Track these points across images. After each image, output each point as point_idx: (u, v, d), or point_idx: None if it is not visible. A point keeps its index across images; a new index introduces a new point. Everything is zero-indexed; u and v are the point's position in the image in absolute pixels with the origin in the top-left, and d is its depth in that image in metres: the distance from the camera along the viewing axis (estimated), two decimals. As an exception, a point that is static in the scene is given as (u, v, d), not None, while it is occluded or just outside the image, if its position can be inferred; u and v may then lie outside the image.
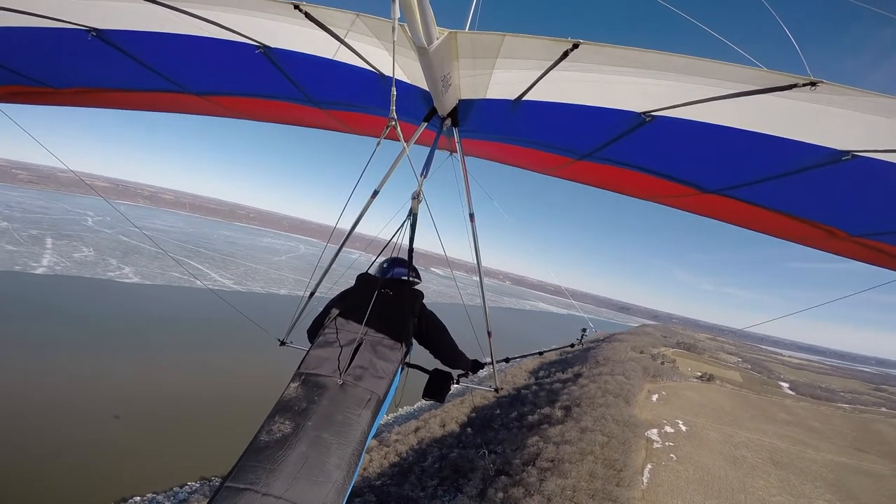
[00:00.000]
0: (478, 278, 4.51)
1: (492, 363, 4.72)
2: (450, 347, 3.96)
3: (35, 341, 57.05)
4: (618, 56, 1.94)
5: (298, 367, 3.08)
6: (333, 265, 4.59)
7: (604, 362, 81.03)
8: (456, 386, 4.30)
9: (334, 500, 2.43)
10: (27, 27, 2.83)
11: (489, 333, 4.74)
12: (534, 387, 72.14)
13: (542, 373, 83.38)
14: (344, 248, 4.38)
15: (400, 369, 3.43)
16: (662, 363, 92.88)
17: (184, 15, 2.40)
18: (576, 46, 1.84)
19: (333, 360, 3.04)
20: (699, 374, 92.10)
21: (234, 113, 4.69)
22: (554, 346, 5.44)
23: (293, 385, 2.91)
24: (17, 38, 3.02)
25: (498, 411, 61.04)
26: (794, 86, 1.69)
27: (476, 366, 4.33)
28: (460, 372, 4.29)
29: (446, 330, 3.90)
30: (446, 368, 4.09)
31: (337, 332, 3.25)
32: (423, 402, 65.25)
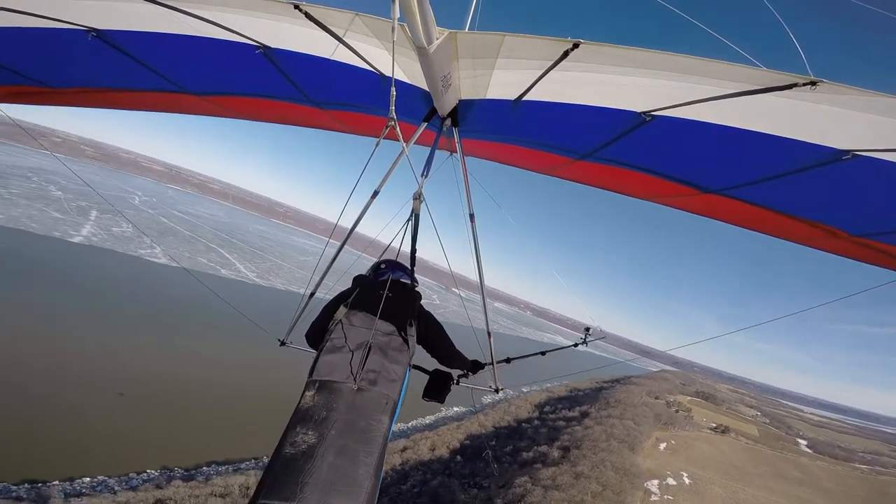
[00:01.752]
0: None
1: (492, 363, 4.68)
2: (448, 347, 3.94)
3: (56, 309, 56.33)
4: (618, 56, 1.94)
5: (310, 375, 3.02)
6: (333, 266, 4.57)
7: (614, 404, 78.50)
8: (456, 386, 4.27)
9: None
10: (27, 27, 2.83)
11: (489, 334, 4.74)
12: (536, 421, 70.02)
13: (547, 407, 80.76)
14: (346, 249, 4.39)
15: (408, 371, 3.41)
16: (677, 411, 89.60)
17: (183, 15, 2.40)
18: (576, 46, 1.84)
19: (346, 366, 3.00)
20: (714, 424, 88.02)
21: (233, 113, 4.70)
22: (556, 347, 5.40)
23: (308, 393, 2.86)
24: (17, 38, 3.02)
25: (493, 442, 59.01)
26: (795, 85, 1.68)
27: (476, 366, 4.30)
28: (460, 372, 4.27)
29: (444, 330, 3.88)
30: (446, 369, 4.06)
31: (348, 337, 3.21)
32: (418, 421, 63.25)
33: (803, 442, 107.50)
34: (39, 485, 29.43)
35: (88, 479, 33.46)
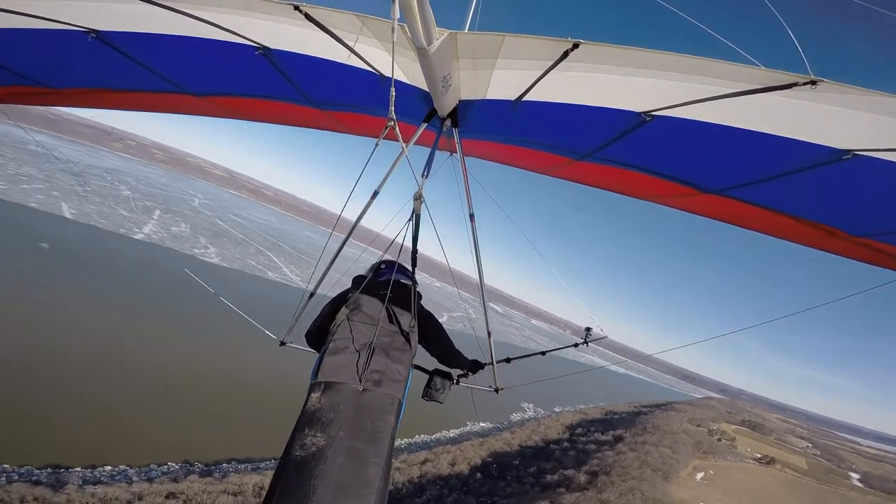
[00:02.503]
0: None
1: (492, 363, 4.65)
2: (448, 347, 3.95)
3: (109, 301, 56.73)
4: (618, 56, 1.94)
5: (315, 376, 3.05)
6: (333, 265, 4.54)
7: (652, 430, 74.04)
8: (456, 386, 4.25)
9: None
10: (27, 29, 2.84)
11: (489, 334, 4.73)
12: (565, 443, 66.50)
13: (579, 430, 76.40)
14: (352, 243, 4.44)
15: (411, 371, 3.44)
16: (719, 439, 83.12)
17: (183, 16, 2.41)
18: (576, 46, 1.84)
19: (351, 367, 3.03)
20: (759, 455, 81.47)
21: (233, 113, 4.73)
22: (557, 346, 5.34)
23: (314, 395, 2.88)
24: (17, 39, 3.04)
25: (517, 461, 55.87)
26: (795, 84, 1.67)
27: (476, 366, 4.29)
28: (460, 372, 4.26)
29: (444, 329, 3.90)
30: (446, 369, 4.06)
31: (351, 339, 3.24)
32: (441, 434, 60.46)
33: (856, 475, 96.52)
34: (61, 470, 29.88)
35: (109, 467, 33.81)
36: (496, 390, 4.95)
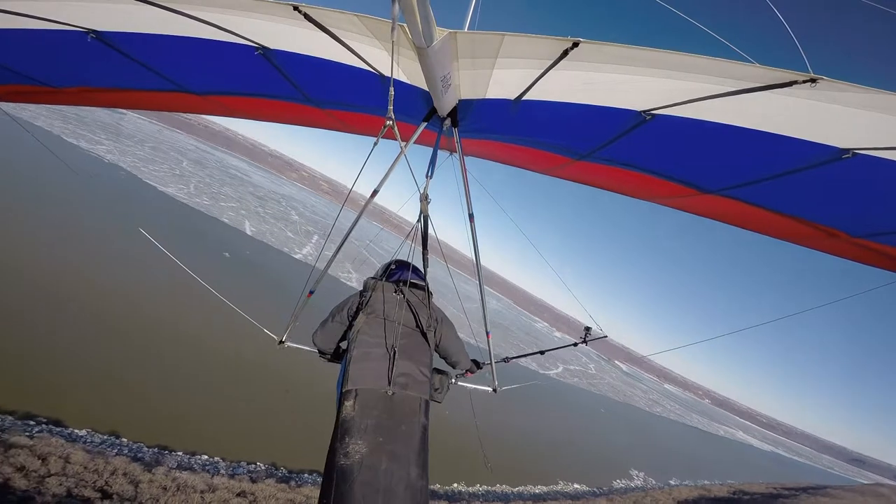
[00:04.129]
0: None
1: (490, 363, 4.72)
2: (456, 345, 4.00)
3: (266, 310, 58.71)
4: (618, 54, 1.93)
5: (344, 384, 3.14)
6: (333, 266, 4.59)
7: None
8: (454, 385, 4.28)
9: None
10: (27, 29, 2.84)
11: (488, 334, 4.77)
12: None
13: None
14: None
15: (432, 370, 3.52)
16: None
17: (182, 17, 2.40)
18: (576, 45, 1.83)
19: (377, 372, 3.14)
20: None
21: (234, 112, 4.73)
22: (556, 346, 5.42)
23: (348, 404, 3.00)
24: (17, 39, 3.04)
25: None
26: (794, 82, 1.66)
27: (475, 365, 4.42)
28: (459, 372, 4.33)
29: (454, 328, 3.96)
30: (445, 368, 4.08)
31: (372, 344, 3.32)
32: (525, 488, 49.43)
33: None
34: (166, 452, 29.90)
35: (206, 457, 33.30)
36: (494, 390, 5.00)
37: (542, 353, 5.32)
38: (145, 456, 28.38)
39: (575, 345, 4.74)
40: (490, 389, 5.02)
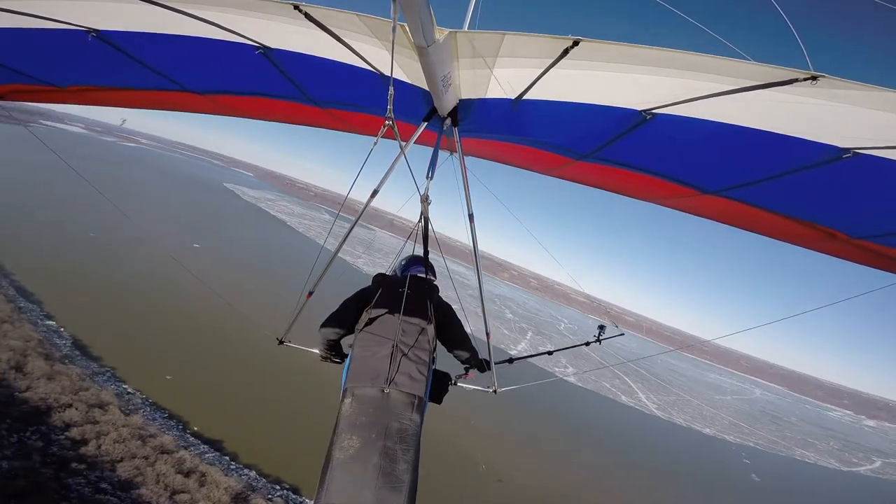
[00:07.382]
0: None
1: (490, 364, 4.70)
2: (462, 339, 4.03)
3: None
4: (618, 53, 1.93)
5: (346, 381, 3.29)
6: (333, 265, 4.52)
7: None
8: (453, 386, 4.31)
9: (410, 501, 2.82)
10: (27, 28, 2.84)
11: (487, 334, 4.80)
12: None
13: None
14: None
15: (431, 368, 3.57)
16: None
17: (183, 16, 2.40)
18: (576, 44, 1.83)
19: (375, 370, 3.25)
20: None
21: (235, 112, 4.74)
22: (566, 346, 5.47)
23: (347, 401, 3.17)
24: (17, 38, 3.04)
25: None
26: (795, 80, 1.65)
27: (485, 365, 4.46)
28: (459, 373, 4.36)
29: (461, 323, 4.02)
30: (445, 368, 4.08)
31: (373, 341, 3.43)
32: None
33: None
34: (295, 496, 29.81)
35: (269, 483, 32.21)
36: (494, 391, 5.02)
37: (550, 353, 5.32)
38: (275, 496, 28.60)
39: (587, 344, 4.72)
40: (490, 390, 5.02)
